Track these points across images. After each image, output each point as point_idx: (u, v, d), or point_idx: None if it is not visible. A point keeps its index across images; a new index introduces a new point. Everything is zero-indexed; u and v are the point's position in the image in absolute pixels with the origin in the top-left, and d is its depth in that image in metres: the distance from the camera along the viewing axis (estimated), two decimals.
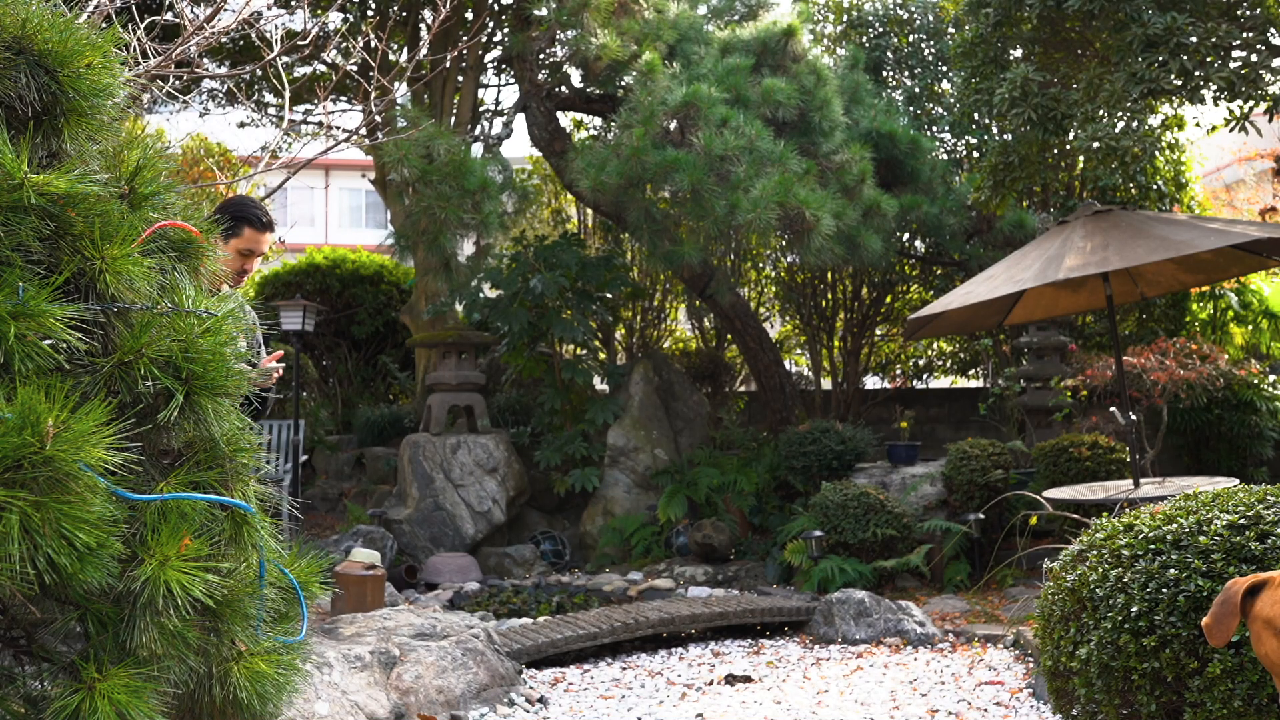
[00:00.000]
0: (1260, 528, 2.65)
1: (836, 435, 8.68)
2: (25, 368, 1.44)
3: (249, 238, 3.32)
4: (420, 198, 7.70)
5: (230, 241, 3.29)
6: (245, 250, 3.33)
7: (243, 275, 3.37)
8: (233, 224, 3.28)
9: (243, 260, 3.35)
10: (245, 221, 3.30)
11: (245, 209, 3.33)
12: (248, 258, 3.36)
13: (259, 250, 3.36)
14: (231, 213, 3.30)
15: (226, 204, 3.37)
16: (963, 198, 9.58)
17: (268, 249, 3.44)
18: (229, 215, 3.28)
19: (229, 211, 3.30)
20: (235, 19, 3.59)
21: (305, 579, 1.93)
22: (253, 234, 3.32)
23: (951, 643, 6.25)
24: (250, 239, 3.32)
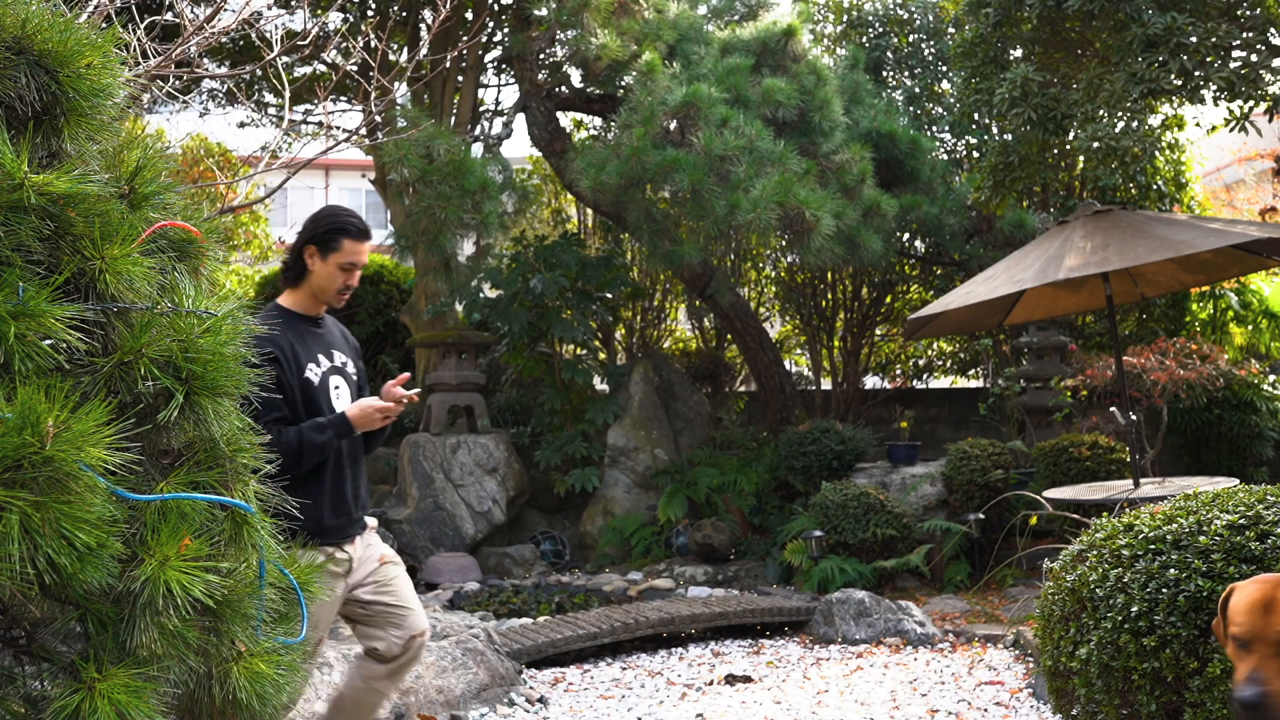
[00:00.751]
0: (1260, 528, 2.66)
1: (836, 435, 8.68)
2: (25, 368, 1.44)
3: (348, 250, 3.08)
4: (420, 198, 7.70)
5: (329, 258, 3.08)
6: (346, 264, 3.09)
7: (346, 291, 3.13)
8: (328, 237, 3.07)
9: (344, 275, 3.11)
10: (342, 233, 3.08)
11: (339, 219, 3.10)
12: (349, 272, 3.11)
13: (360, 262, 3.12)
14: (325, 226, 3.08)
15: (318, 216, 3.13)
16: (963, 198, 9.58)
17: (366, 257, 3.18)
18: (323, 229, 3.08)
19: (322, 225, 3.09)
20: (235, 19, 3.59)
21: (305, 579, 1.93)
22: (351, 245, 3.09)
23: (951, 643, 6.25)
24: (350, 251, 3.09)
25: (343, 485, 3.09)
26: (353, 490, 3.14)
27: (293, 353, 3.03)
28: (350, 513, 3.12)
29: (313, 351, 3.10)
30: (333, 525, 3.06)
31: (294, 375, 3.02)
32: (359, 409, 3.01)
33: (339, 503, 3.08)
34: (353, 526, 3.14)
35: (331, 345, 3.19)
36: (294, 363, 3.03)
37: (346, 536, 3.11)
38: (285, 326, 3.06)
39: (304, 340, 3.09)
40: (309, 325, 3.15)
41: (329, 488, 3.05)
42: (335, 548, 3.07)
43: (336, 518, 3.07)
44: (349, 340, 3.34)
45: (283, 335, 3.02)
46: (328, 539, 3.04)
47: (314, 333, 3.15)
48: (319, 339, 3.16)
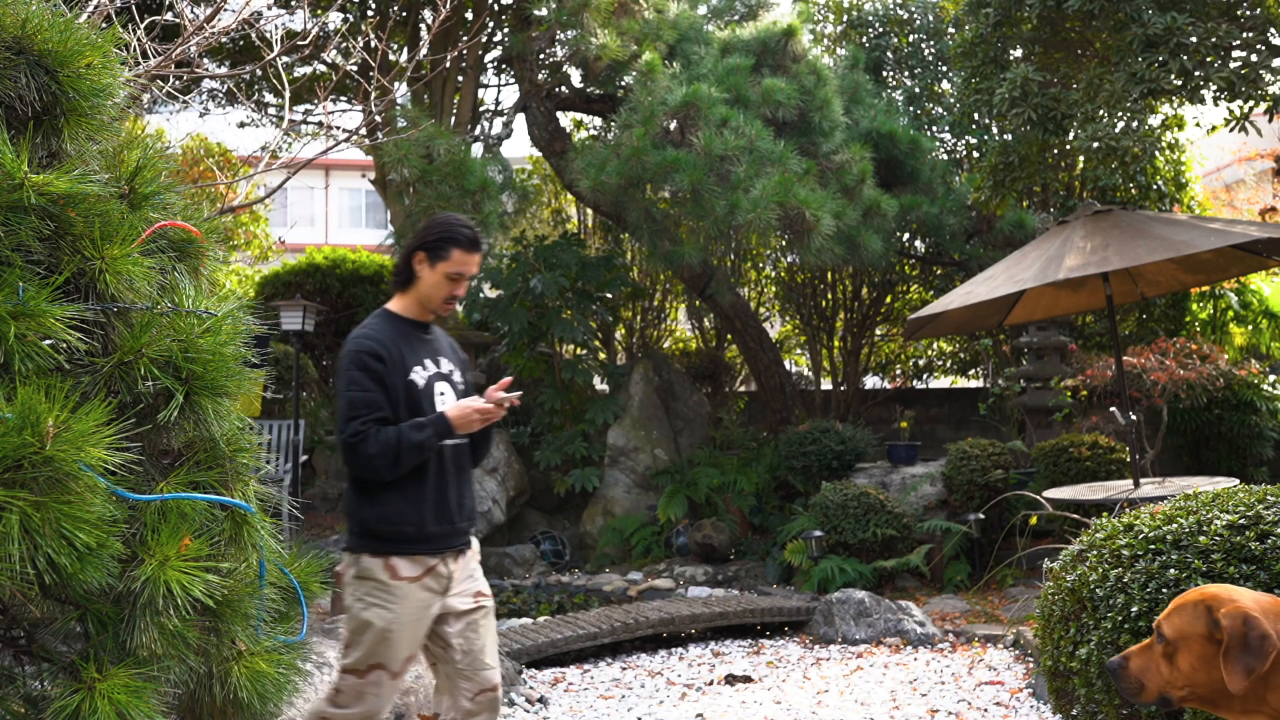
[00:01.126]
0: (1260, 528, 2.65)
1: (836, 435, 8.68)
2: (25, 368, 1.44)
3: (457, 260, 3.01)
4: (420, 198, 7.70)
5: (437, 266, 3.01)
6: (454, 274, 3.02)
7: (452, 300, 3.07)
8: (438, 246, 3.01)
9: (451, 285, 3.03)
10: (452, 243, 3.00)
11: (451, 229, 3.02)
12: (456, 282, 3.04)
13: (469, 272, 3.04)
14: (436, 234, 3.02)
15: (430, 225, 3.05)
16: (963, 198, 9.58)
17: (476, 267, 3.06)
18: (433, 237, 3.01)
19: (433, 232, 3.02)
20: (235, 19, 3.59)
21: (305, 579, 1.93)
22: (461, 255, 3.01)
23: (951, 643, 6.25)
24: (459, 261, 3.01)
25: (446, 492, 3.01)
26: (457, 499, 3.04)
27: (398, 354, 2.98)
28: (454, 522, 3.02)
29: (419, 356, 3.05)
30: (435, 533, 2.96)
31: (398, 377, 2.97)
32: (458, 409, 2.96)
33: (442, 510, 2.99)
34: (455, 538, 3.03)
35: (439, 353, 3.14)
36: (399, 364, 2.98)
37: (449, 547, 3.01)
38: (392, 329, 3.03)
39: (410, 344, 3.04)
40: (416, 331, 3.10)
41: (431, 494, 2.97)
42: (437, 559, 2.96)
43: (439, 525, 2.97)
44: (457, 351, 3.27)
45: (389, 337, 2.99)
46: (430, 547, 2.95)
47: (421, 339, 3.10)
48: (426, 345, 3.10)
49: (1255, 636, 2.01)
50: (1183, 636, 2.12)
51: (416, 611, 2.90)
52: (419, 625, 2.91)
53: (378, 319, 3.08)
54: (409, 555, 2.91)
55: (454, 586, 3.01)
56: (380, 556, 2.89)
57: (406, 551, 2.91)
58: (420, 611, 2.91)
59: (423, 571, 2.91)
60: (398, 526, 2.91)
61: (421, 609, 2.92)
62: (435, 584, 2.95)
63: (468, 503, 3.10)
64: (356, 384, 2.91)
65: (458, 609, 3.01)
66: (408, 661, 2.95)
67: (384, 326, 3.04)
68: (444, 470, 3.02)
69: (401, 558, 2.90)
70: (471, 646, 3.01)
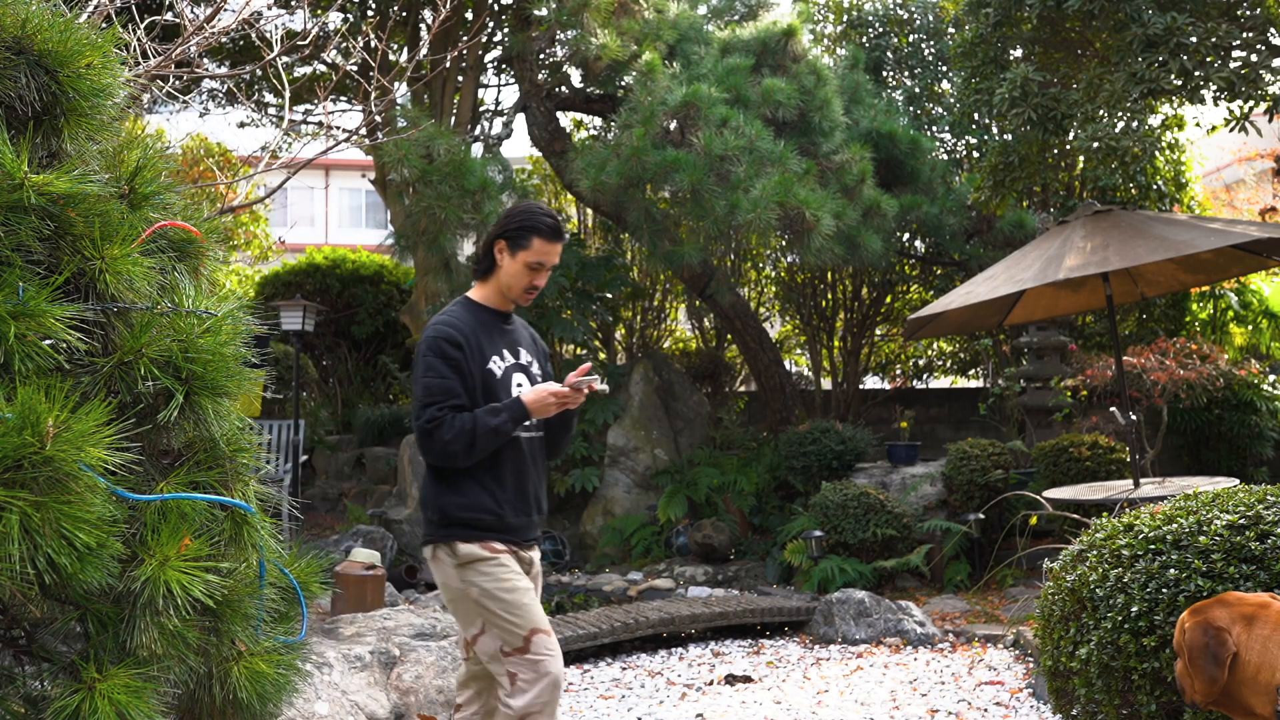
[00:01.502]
0: (1260, 528, 2.65)
1: (836, 435, 8.68)
2: (25, 368, 1.44)
3: (538, 249, 2.95)
4: (420, 198, 7.70)
5: (518, 255, 2.95)
6: (534, 263, 2.96)
7: (533, 290, 3.01)
8: (519, 234, 2.95)
9: (531, 275, 2.98)
10: (533, 231, 2.94)
11: (532, 217, 2.96)
12: (537, 271, 2.98)
13: (550, 262, 2.99)
14: (518, 222, 2.96)
15: (511, 213, 3.00)
16: (963, 198, 9.58)
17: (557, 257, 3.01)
18: (514, 225, 2.96)
19: (514, 221, 2.97)
20: (235, 19, 3.59)
21: (305, 579, 1.93)
22: (542, 245, 2.95)
23: (951, 643, 6.25)
24: (540, 250, 2.95)
25: (525, 484, 2.98)
26: (535, 491, 3.02)
27: (476, 343, 2.94)
28: (531, 514, 3.01)
29: (498, 345, 3.01)
30: (515, 524, 2.95)
31: (476, 365, 2.92)
32: (535, 393, 2.89)
33: (521, 502, 2.97)
34: (532, 530, 3.02)
35: (518, 343, 3.09)
36: (478, 352, 2.94)
37: (528, 540, 3.00)
38: (472, 318, 2.99)
39: (489, 333, 3.00)
40: (497, 320, 3.05)
41: (511, 484, 2.95)
42: (519, 548, 2.97)
43: (518, 517, 2.96)
44: (538, 343, 3.21)
45: (468, 325, 2.95)
46: (509, 537, 2.93)
47: (501, 328, 3.05)
48: (505, 335, 3.06)
49: (1215, 644, 2.10)
50: (1178, 648, 2.27)
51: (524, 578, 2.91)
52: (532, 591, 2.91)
53: (458, 306, 3.04)
54: (495, 540, 2.91)
55: (529, 575, 3.02)
56: (475, 542, 2.88)
57: (491, 539, 2.90)
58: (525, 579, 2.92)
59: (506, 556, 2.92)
60: (479, 515, 2.89)
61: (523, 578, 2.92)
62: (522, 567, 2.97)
63: (543, 497, 3.08)
64: (434, 370, 2.88)
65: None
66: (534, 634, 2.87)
67: (464, 314, 2.99)
68: (522, 462, 2.98)
69: (492, 540, 2.90)
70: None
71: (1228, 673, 2.12)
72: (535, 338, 3.22)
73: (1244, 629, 2.13)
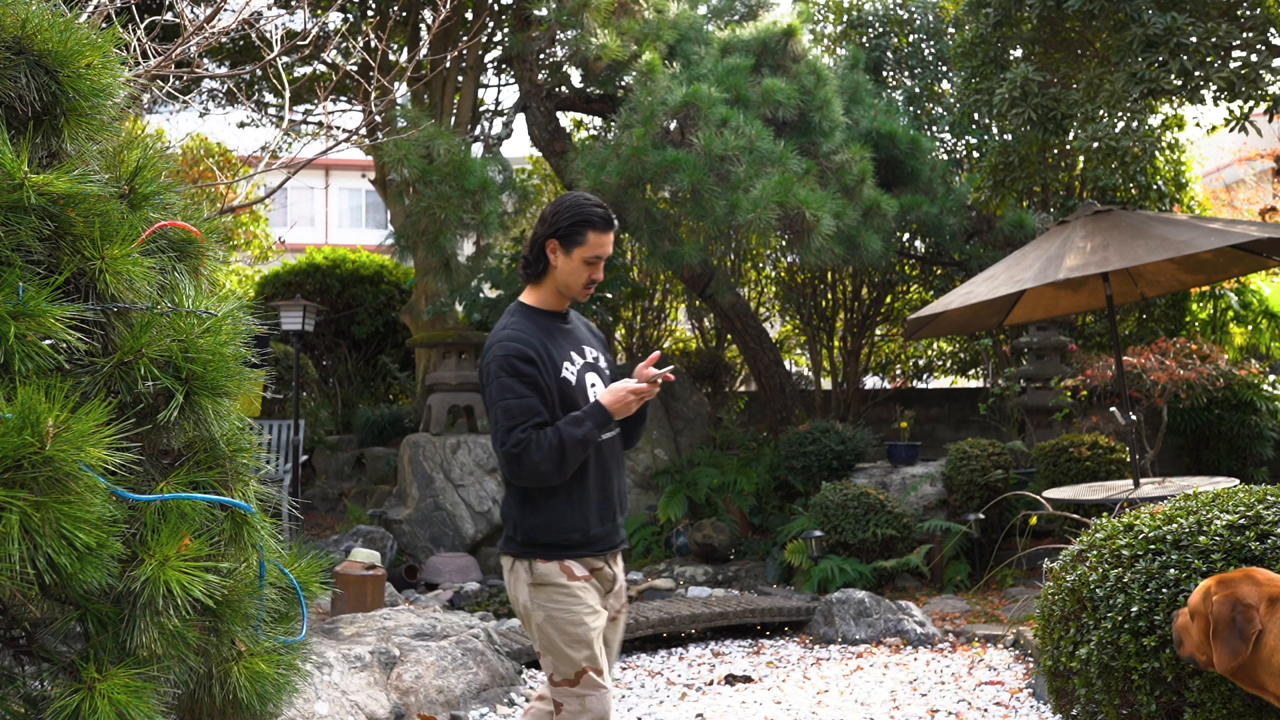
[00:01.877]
0: (1260, 528, 2.65)
1: (836, 435, 8.68)
2: (25, 368, 1.44)
3: (594, 242, 2.80)
4: (420, 198, 7.70)
5: (573, 253, 2.80)
6: (591, 258, 2.81)
7: (592, 285, 2.86)
8: (572, 231, 2.80)
9: (589, 270, 2.83)
10: (587, 225, 2.80)
11: (583, 210, 2.81)
12: (594, 265, 2.83)
13: (605, 253, 2.84)
14: (568, 219, 2.80)
15: (559, 210, 2.83)
16: (963, 198, 9.58)
17: (611, 248, 2.85)
18: (566, 222, 2.80)
19: (564, 217, 2.81)
20: (235, 19, 3.59)
21: (305, 579, 1.92)
22: (597, 237, 2.80)
23: (951, 643, 6.25)
24: (595, 243, 2.80)
25: (609, 488, 2.87)
26: (618, 493, 2.90)
27: (546, 353, 2.80)
28: (616, 518, 2.89)
29: (565, 349, 2.86)
30: (600, 534, 2.84)
31: (551, 377, 2.79)
32: (612, 394, 2.76)
33: (605, 508, 2.85)
34: (617, 534, 2.91)
35: (581, 341, 2.94)
36: (549, 363, 2.79)
37: (612, 547, 2.89)
38: (534, 326, 2.84)
39: (554, 338, 2.86)
40: (556, 322, 2.91)
41: (594, 492, 2.82)
42: (602, 561, 2.86)
43: (603, 525, 2.85)
44: (595, 332, 3.07)
45: (533, 335, 2.81)
46: (595, 549, 2.83)
47: (562, 329, 2.91)
48: (568, 335, 2.91)
49: (1241, 620, 2.17)
50: (1195, 611, 2.37)
51: (598, 607, 2.81)
52: (602, 620, 2.81)
53: (517, 316, 2.88)
54: (579, 559, 2.80)
55: (614, 589, 2.92)
56: (554, 561, 2.77)
57: (575, 556, 2.79)
58: (599, 607, 2.82)
59: (587, 574, 2.82)
60: (565, 535, 2.78)
61: (600, 604, 2.83)
62: (600, 584, 2.87)
63: (625, 494, 2.95)
64: (511, 391, 2.73)
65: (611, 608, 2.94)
66: (603, 657, 2.82)
67: (525, 324, 2.84)
68: (604, 465, 2.85)
69: (573, 561, 2.79)
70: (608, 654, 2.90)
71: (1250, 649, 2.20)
72: (591, 327, 3.07)
73: (1268, 609, 2.20)
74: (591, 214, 2.80)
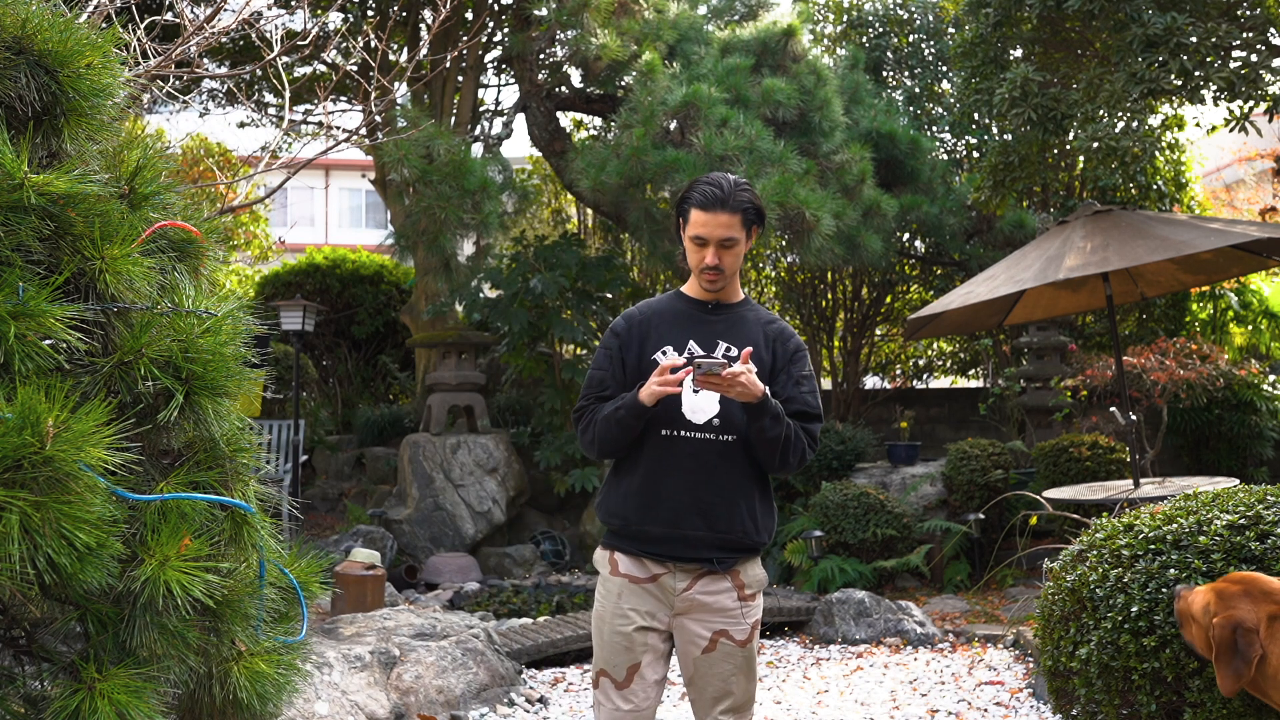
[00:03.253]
0: (1260, 528, 2.66)
1: (836, 435, 8.68)
2: (25, 368, 1.44)
3: (696, 221, 2.58)
4: (420, 198, 7.70)
5: (685, 232, 2.63)
6: (696, 238, 2.59)
7: (709, 271, 2.61)
8: (680, 209, 2.64)
9: (700, 251, 2.60)
10: (687, 202, 2.61)
11: (690, 188, 2.63)
12: (704, 248, 2.59)
13: (714, 235, 2.57)
14: (679, 197, 2.64)
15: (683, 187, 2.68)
16: (963, 198, 9.58)
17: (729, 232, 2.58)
18: (678, 200, 2.65)
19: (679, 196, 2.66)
20: (235, 19, 3.59)
21: (305, 579, 1.92)
22: (699, 215, 2.57)
23: (951, 643, 6.25)
24: (698, 222, 2.57)
25: (680, 491, 2.65)
26: (692, 501, 2.65)
27: (644, 331, 2.68)
28: (684, 529, 2.65)
29: (682, 335, 2.65)
30: (654, 534, 2.67)
31: (634, 354, 2.66)
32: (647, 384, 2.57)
33: (670, 512, 2.64)
34: (692, 549, 2.66)
35: (719, 336, 2.66)
36: (638, 342, 2.67)
37: (676, 558, 2.66)
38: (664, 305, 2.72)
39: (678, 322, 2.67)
40: (694, 309, 2.69)
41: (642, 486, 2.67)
42: (664, 569, 2.66)
43: (656, 524, 2.68)
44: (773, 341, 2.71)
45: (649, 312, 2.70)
46: (647, 548, 2.67)
47: (699, 317, 2.68)
48: (702, 325, 2.67)
49: (1244, 644, 2.15)
50: (1193, 619, 2.38)
51: (631, 614, 2.57)
52: (634, 633, 2.57)
53: (663, 295, 2.78)
54: (630, 554, 2.61)
55: (690, 610, 2.59)
56: (607, 549, 2.67)
57: (626, 549, 2.62)
58: (636, 615, 2.57)
59: (647, 577, 2.59)
60: (609, 517, 2.65)
61: (638, 611, 2.58)
62: (661, 594, 2.59)
63: (717, 509, 2.57)
64: (595, 361, 2.71)
65: (694, 639, 2.60)
66: (633, 673, 2.56)
67: (656, 302, 2.75)
68: (669, 463, 2.58)
69: (624, 554, 2.62)
70: (703, 692, 2.61)
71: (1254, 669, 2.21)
72: (770, 335, 2.71)
73: (1268, 630, 2.20)
74: (692, 191, 2.61)
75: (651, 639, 2.58)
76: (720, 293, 2.69)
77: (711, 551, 2.57)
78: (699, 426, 2.58)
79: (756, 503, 2.62)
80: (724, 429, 2.59)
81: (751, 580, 2.63)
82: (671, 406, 2.57)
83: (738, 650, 2.58)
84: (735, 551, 2.60)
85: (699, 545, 2.57)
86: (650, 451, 2.59)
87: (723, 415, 2.58)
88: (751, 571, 2.64)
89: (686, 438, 2.58)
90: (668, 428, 2.58)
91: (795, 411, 2.62)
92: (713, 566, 2.58)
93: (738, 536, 2.58)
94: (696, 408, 2.59)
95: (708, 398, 2.58)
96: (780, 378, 2.67)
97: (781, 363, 2.68)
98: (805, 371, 2.71)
